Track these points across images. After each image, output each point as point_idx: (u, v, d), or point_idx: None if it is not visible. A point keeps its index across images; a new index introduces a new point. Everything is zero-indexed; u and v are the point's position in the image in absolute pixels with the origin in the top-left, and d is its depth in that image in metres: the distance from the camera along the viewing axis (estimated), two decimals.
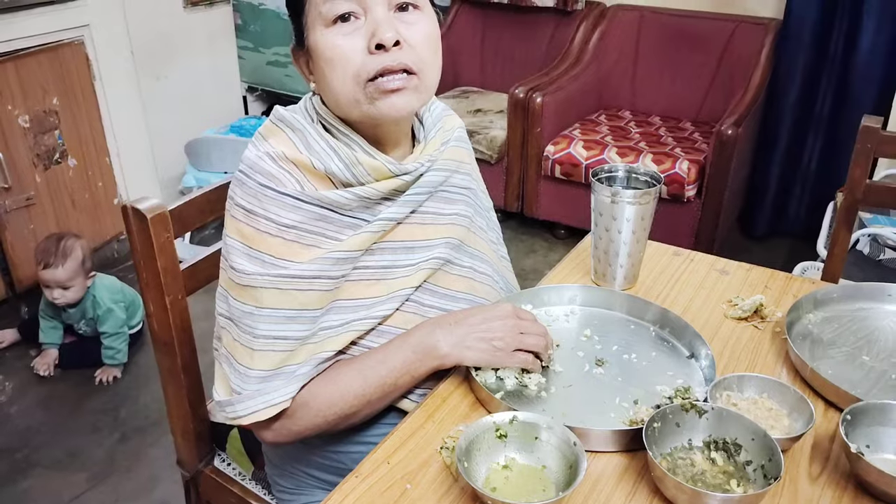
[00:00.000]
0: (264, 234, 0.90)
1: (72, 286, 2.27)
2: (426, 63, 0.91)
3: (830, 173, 2.95)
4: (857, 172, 1.50)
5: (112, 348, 2.34)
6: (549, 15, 3.45)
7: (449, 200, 1.05)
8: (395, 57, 0.88)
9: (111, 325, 2.33)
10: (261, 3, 3.36)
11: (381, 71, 0.88)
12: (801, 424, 0.85)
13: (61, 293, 2.26)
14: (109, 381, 2.33)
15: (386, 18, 0.88)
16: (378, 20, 0.87)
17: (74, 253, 2.25)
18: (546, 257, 3.09)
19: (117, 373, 2.35)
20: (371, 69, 0.88)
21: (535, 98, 2.98)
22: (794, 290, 1.19)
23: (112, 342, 2.34)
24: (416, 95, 0.91)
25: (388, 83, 0.88)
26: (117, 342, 2.35)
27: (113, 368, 2.35)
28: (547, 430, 0.81)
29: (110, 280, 2.44)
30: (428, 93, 0.94)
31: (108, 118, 2.89)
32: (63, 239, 2.27)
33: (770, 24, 2.98)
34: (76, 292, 2.29)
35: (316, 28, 0.90)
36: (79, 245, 2.28)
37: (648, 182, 1.17)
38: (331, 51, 0.89)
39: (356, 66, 0.88)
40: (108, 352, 2.34)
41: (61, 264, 2.22)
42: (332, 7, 0.88)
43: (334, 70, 0.89)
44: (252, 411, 0.91)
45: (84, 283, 2.31)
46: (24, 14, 2.50)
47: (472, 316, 0.96)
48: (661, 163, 2.78)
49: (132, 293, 2.49)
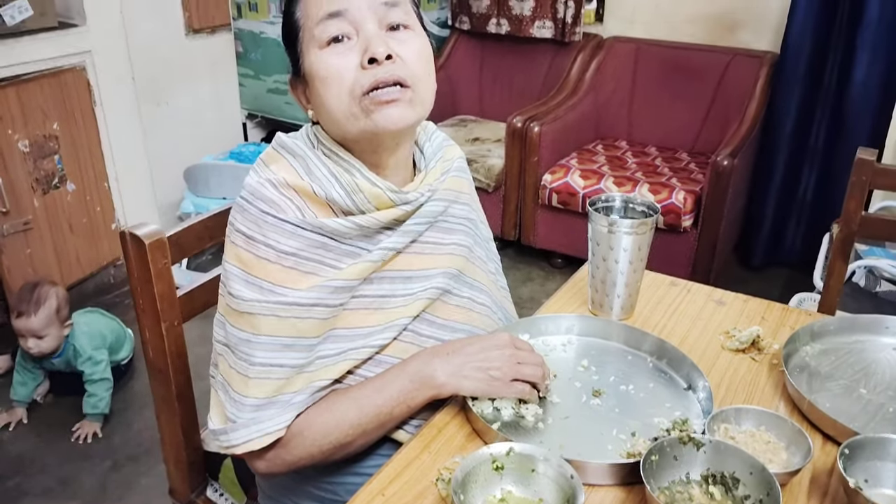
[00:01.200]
0: (263, 260, 0.90)
1: (46, 335, 2.16)
2: (419, 77, 0.92)
3: (826, 204, 2.97)
4: (853, 205, 1.51)
5: (95, 395, 2.23)
6: (547, 45, 3.50)
7: (448, 230, 1.05)
8: (387, 70, 0.89)
9: (94, 372, 2.23)
10: (262, 31, 3.40)
11: (374, 84, 0.89)
12: (799, 458, 0.84)
13: (35, 343, 2.16)
14: (89, 440, 2.20)
15: (378, 34, 0.90)
16: (370, 37, 0.89)
17: (49, 301, 2.16)
18: (543, 286, 3.09)
19: (97, 428, 2.23)
20: (365, 83, 0.89)
21: (532, 127, 3.00)
22: (791, 322, 1.19)
23: (95, 389, 2.23)
24: (411, 108, 0.92)
25: (383, 95, 0.89)
26: (100, 389, 2.24)
27: (94, 423, 2.23)
28: (544, 463, 0.80)
29: (90, 324, 2.32)
30: (424, 107, 0.95)
31: (108, 143, 2.90)
32: (38, 287, 2.19)
33: (765, 57, 3.02)
34: (51, 342, 2.18)
35: (310, 51, 0.91)
36: (54, 293, 2.18)
37: (645, 212, 1.17)
38: (325, 70, 0.90)
39: (350, 81, 0.89)
40: (91, 399, 2.23)
41: (34, 313, 2.13)
42: (325, 29, 0.90)
43: (330, 88, 0.90)
44: (246, 440, 0.90)
45: (59, 332, 2.20)
46: (27, 39, 2.52)
47: (470, 345, 0.95)
48: (657, 193, 2.79)
49: (117, 327, 2.42)
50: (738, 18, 3.13)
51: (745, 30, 3.13)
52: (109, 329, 2.39)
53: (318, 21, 0.90)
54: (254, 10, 3.39)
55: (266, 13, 3.36)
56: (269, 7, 3.34)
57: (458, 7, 3.66)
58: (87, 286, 2.91)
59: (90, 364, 2.23)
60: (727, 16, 3.15)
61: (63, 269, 2.77)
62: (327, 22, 0.89)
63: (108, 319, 2.43)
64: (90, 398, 2.23)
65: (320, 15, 0.90)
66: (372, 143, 0.94)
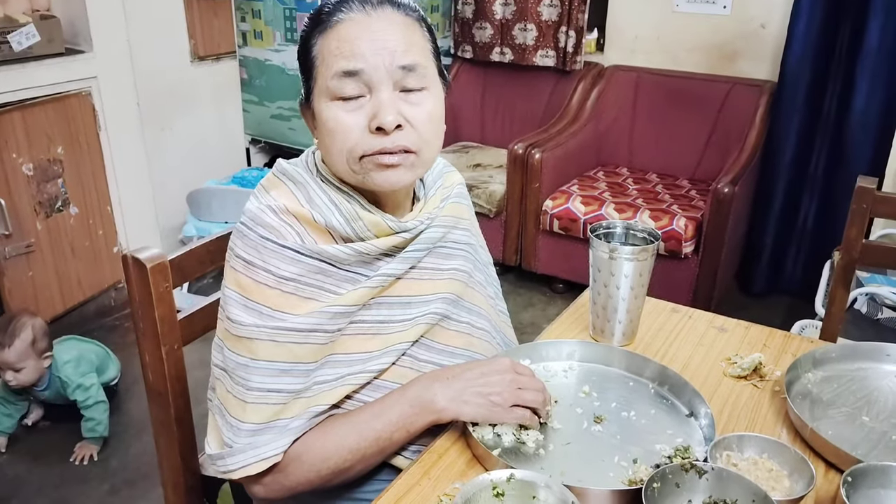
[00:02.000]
0: (262, 285, 0.90)
1: (23, 367, 2.12)
2: (426, 142, 0.93)
3: (827, 232, 2.97)
4: (853, 232, 1.51)
5: (92, 419, 2.20)
6: (549, 74, 3.53)
7: (448, 256, 1.05)
8: (394, 139, 0.89)
9: (87, 398, 2.20)
10: (266, 59, 3.44)
11: (378, 151, 0.89)
12: (801, 486, 0.84)
13: (13, 375, 2.11)
14: (86, 461, 2.18)
15: (390, 100, 0.89)
16: (382, 102, 0.88)
17: (24, 333, 2.11)
18: (544, 311, 3.09)
19: (95, 451, 2.21)
20: (368, 148, 0.89)
21: (533, 154, 3.02)
22: (793, 349, 1.19)
23: (91, 413, 2.20)
24: (411, 172, 0.93)
25: (385, 159, 0.89)
26: (97, 413, 2.21)
27: (92, 445, 2.21)
28: (545, 489, 0.80)
29: (71, 351, 2.26)
30: (424, 167, 0.95)
31: (112, 167, 2.92)
32: (15, 318, 2.15)
33: (765, 86, 3.05)
34: (29, 374, 2.13)
35: (321, 98, 0.91)
36: (30, 325, 2.13)
37: (646, 238, 1.18)
38: (333, 123, 0.90)
39: (354, 141, 0.89)
40: (89, 423, 2.20)
41: (8, 345, 2.08)
42: (339, 86, 0.89)
43: (334, 141, 0.91)
44: (243, 465, 0.90)
45: (37, 364, 2.15)
46: (33, 65, 2.55)
47: (470, 370, 0.95)
48: (658, 219, 2.80)
49: (99, 349, 2.38)
50: (738, 48, 3.17)
51: (744, 59, 3.16)
52: (94, 352, 2.35)
53: (333, 75, 0.89)
54: (259, 38, 3.43)
55: (271, 41, 3.40)
56: (275, 35, 3.38)
57: (461, 36, 3.70)
58: (88, 309, 2.91)
59: (81, 391, 2.19)
60: (727, 45, 3.19)
61: (64, 292, 2.77)
62: (342, 79, 0.89)
63: (88, 344, 2.38)
64: (87, 422, 2.21)
65: (336, 69, 0.88)
66: (370, 189, 0.95)
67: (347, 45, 0.88)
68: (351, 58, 0.88)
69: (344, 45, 0.88)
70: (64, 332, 2.72)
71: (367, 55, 0.88)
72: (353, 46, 0.88)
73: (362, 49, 0.88)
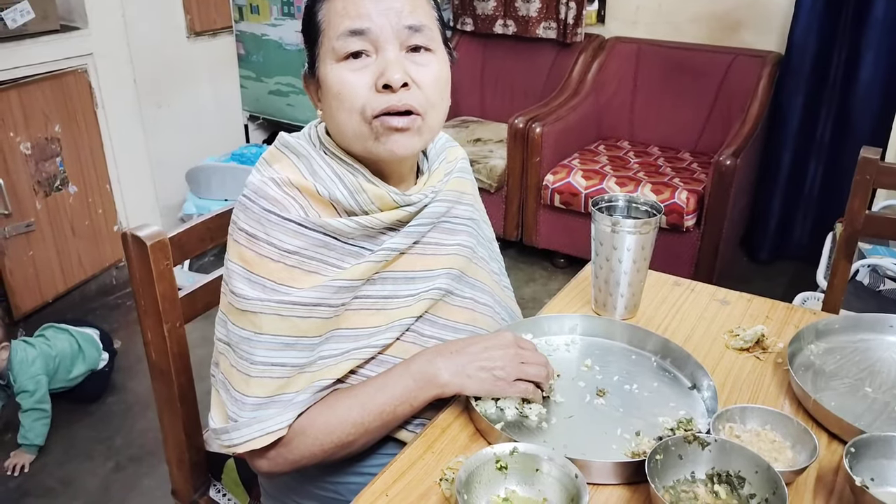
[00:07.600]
0: (266, 258, 0.90)
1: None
2: (432, 105, 0.92)
3: (832, 200, 2.99)
4: (856, 203, 1.50)
5: (23, 426, 2.12)
6: (549, 46, 3.50)
7: (451, 231, 1.05)
8: (400, 97, 0.88)
9: (25, 404, 2.12)
10: (263, 34, 3.40)
11: (385, 110, 0.89)
12: (804, 457, 0.84)
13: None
14: (16, 472, 2.09)
15: (396, 59, 0.89)
16: (388, 60, 0.88)
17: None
18: (546, 286, 3.09)
19: (28, 461, 2.11)
20: (376, 107, 0.89)
21: (534, 128, 3.00)
22: (796, 321, 1.18)
23: (24, 419, 2.12)
24: (418, 137, 0.92)
25: (394, 121, 0.89)
26: (28, 420, 2.12)
27: (25, 454, 2.12)
28: (548, 462, 0.80)
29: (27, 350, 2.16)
30: (431, 134, 0.95)
31: (110, 145, 2.90)
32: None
33: (767, 57, 3.02)
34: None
35: (326, 61, 0.91)
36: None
37: (648, 212, 1.17)
38: (339, 85, 0.90)
39: (362, 101, 0.89)
40: (21, 430, 2.12)
41: None
42: (345, 44, 0.89)
43: (342, 104, 0.90)
44: (247, 439, 0.90)
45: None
46: (29, 42, 2.52)
47: (473, 345, 0.95)
48: (660, 193, 2.79)
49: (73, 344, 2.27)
50: (741, 18, 3.13)
51: (747, 30, 3.13)
52: (64, 347, 2.25)
53: (339, 35, 0.89)
54: (255, 13, 3.40)
55: (268, 16, 3.36)
56: (271, 10, 3.35)
57: (461, 9, 3.66)
58: (89, 288, 2.91)
59: (25, 396, 2.12)
60: (729, 16, 3.15)
61: (65, 271, 2.78)
62: (348, 38, 0.88)
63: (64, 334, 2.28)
64: (21, 428, 2.13)
65: (342, 29, 0.88)
66: (375, 160, 0.95)
67: (353, 6, 0.88)
68: (357, 18, 0.88)
69: (350, 6, 0.88)
70: (67, 311, 2.74)
71: (372, 15, 0.88)
72: (359, 7, 0.88)
73: (368, 9, 0.88)
